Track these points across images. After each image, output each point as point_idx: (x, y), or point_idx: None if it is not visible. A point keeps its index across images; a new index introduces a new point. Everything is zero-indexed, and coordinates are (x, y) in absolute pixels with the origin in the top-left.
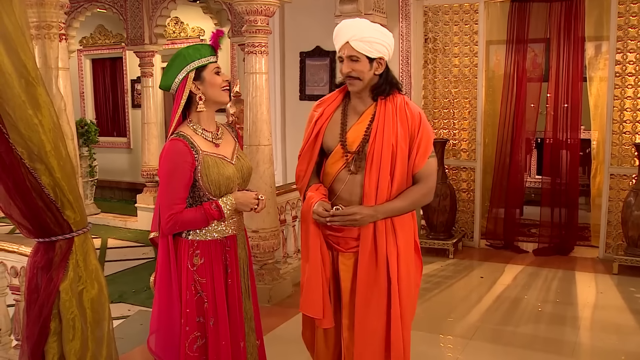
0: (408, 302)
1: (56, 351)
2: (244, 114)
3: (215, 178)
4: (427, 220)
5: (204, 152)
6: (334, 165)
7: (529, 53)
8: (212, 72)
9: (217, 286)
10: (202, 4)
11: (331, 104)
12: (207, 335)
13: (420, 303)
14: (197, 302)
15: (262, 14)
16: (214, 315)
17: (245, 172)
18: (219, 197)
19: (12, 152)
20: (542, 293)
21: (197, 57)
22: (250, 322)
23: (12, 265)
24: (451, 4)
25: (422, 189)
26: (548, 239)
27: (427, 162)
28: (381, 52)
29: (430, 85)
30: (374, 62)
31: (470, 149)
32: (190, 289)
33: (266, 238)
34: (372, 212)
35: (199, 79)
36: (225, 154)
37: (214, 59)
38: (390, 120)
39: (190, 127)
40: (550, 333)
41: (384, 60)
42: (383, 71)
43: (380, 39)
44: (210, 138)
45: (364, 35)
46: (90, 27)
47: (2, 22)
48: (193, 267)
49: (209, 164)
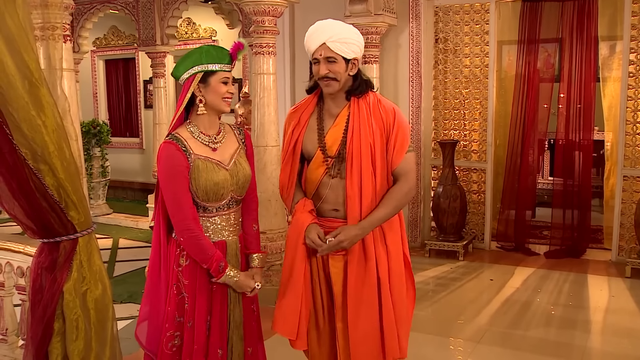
0: (401, 301)
1: (60, 351)
2: (251, 114)
3: (203, 183)
4: (436, 221)
5: (196, 155)
6: (316, 172)
7: (542, 53)
8: (219, 80)
9: (199, 289)
10: (214, 4)
11: (306, 109)
12: (184, 336)
13: (429, 305)
14: (178, 302)
15: (270, 14)
16: (191, 317)
17: (241, 178)
18: (208, 203)
19: (16, 152)
20: (553, 296)
21: (211, 60)
22: (237, 330)
23: (19, 265)
24: (462, 4)
25: (402, 188)
26: (560, 241)
27: (404, 158)
28: (356, 53)
29: (440, 86)
30: (350, 62)
31: (481, 150)
32: (172, 288)
33: (273, 239)
34: (357, 231)
35: (204, 83)
36: (221, 159)
37: (227, 68)
38: (365, 119)
39: (188, 129)
40: (560, 337)
41: (358, 60)
42: (357, 72)
43: (355, 40)
44: (206, 142)
45: (341, 37)
46: (103, 28)
47: (5, 23)
48: (179, 267)
49: (199, 168)
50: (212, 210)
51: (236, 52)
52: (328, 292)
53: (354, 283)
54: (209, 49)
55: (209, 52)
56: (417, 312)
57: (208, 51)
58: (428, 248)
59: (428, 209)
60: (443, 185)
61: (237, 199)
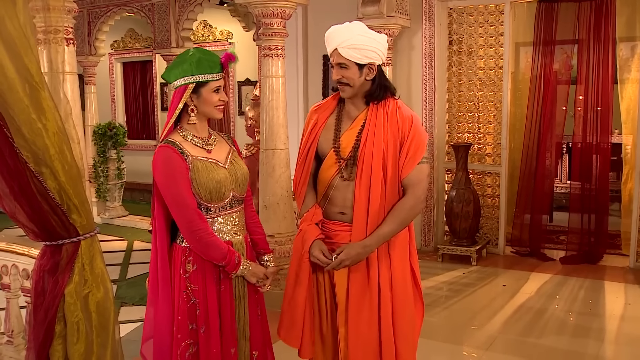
0: (402, 317)
1: (61, 354)
2: (260, 117)
3: (205, 182)
4: (449, 226)
5: (193, 156)
6: (327, 172)
7: (560, 55)
8: (211, 90)
9: (209, 293)
10: (229, 7)
11: (327, 108)
12: (199, 343)
13: (439, 311)
14: (189, 309)
15: (278, 16)
16: (205, 322)
17: (240, 176)
18: (211, 203)
19: (17, 155)
20: (568, 303)
21: (202, 71)
22: (243, 331)
23: (24, 267)
24: (476, 5)
25: (407, 202)
26: (576, 247)
27: (416, 168)
28: (371, 58)
29: (454, 89)
30: (365, 68)
31: (496, 154)
32: (182, 296)
33: (282, 243)
34: (360, 249)
35: (196, 93)
36: (218, 158)
37: (218, 77)
38: (380, 125)
39: (180, 134)
40: (573, 345)
41: (375, 65)
42: (375, 76)
43: (369, 45)
44: (200, 144)
45: (352, 43)
46: (121, 30)
47: (6, 27)
48: (186, 273)
49: (199, 168)
50: (214, 211)
51: (227, 63)
52: (332, 297)
53: (355, 290)
54: (200, 59)
55: (200, 63)
56: (427, 318)
57: (199, 61)
58: (441, 253)
59: (441, 213)
60: (456, 189)
61: (238, 199)
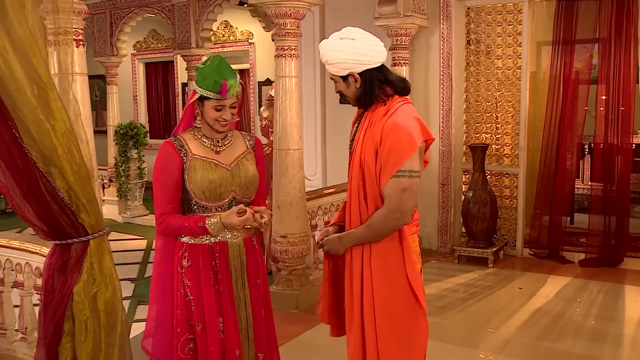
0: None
1: (69, 352)
2: (274, 117)
3: (199, 181)
4: (466, 227)
5: (194, 155)
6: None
7: (582, 54)
8: (211, 106)
9: (205, 291)
10: (249, 7)
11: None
12: (196, 339)
13: (454, 314)
14: (186, 304)
15: (292, 17)
16: (201, 319)
17: (243, 179)
18: (208, 202)
19: (26, 156)
20: (585, 307)
21: (204, 87)
22: (247, 332)
23: (37, 266)
24: (494, 4)
25: (380, 213)
26: (596, 249)
27: (391, 181)
28: (347, 69)
29: (472, 89)
30: (348, 78)
31: (513, 154)
32: (179, 290)
33: (295, 243)
34: (337, 242)
35: (201, 102)
36: (223, 160)
37: (217, 96)
38: (362, 134)
39: (191, 132)
40: (589, 350)
41: (355, 74)
42: (361, 83)
43: (339, 58)
44: (208, 144)
45: (327, 59)
46: (144, 31)
47: (15, 30)
48: (182, 269)
49: (196, 166)
50: (211, 210)
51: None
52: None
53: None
54: (208, 74)
55: (205, 77)
56: (441, 320)
57: (206, 75)
58: (457, 254)
59: (458, 214)
60: (473, 190)
61: (240, 201)
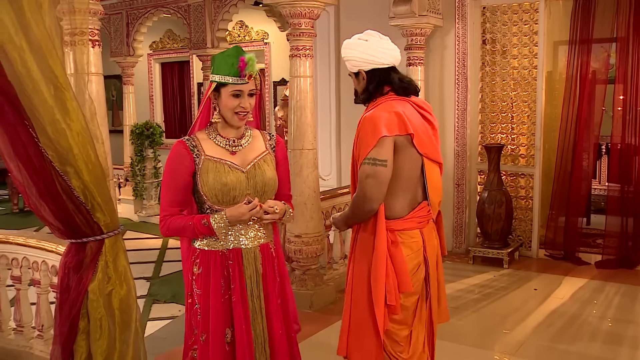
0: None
1: (84, 349)
2: (288, 117)
3: (211, 183)
4: (481, 228)
5: (207, 156)
6: None
7: (599, 53)
8: (229, 92)
9: (213, 301)
10: (265, 7)
11: None
12: (198, 350)
13: (468, 314)
14: (193, 312)
15: (306, 16)
16: (205, 330)
17: (259, 182)
18: (221, 206)
19: (42, 155)
20: (602, 309)
21: (221, 72)
22: (262, 347)
23: (53, 264)
24: (510, 4)
25: (352, 199)
26: (613, 251)
27: (359, 168)
28: (356, 66)
29: (487, 88)
30: (359, 75)
31: (529, 155)
32: (188, 297)
33: (309, 243)
34: (335, 217)
35: (217, 92)
36: (239, 162)
37: (239, 81)
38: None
39: (205, 131)
40: (604, 353)
41: (362, 71)
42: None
43: (351, 56)
44: (223, 144)
45: (343, 56)
46: (160, 31)
47: (32, 31)
48: (192, 276)
49: (208, 168)
50: None
51: (243, 70)
52: None
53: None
54: (223, 59)
55: (222, 62)
56: (456, 321)
57: (221, 61)
58: (472, 255)
59: (473, 214)
60: (488, 191)
61: None
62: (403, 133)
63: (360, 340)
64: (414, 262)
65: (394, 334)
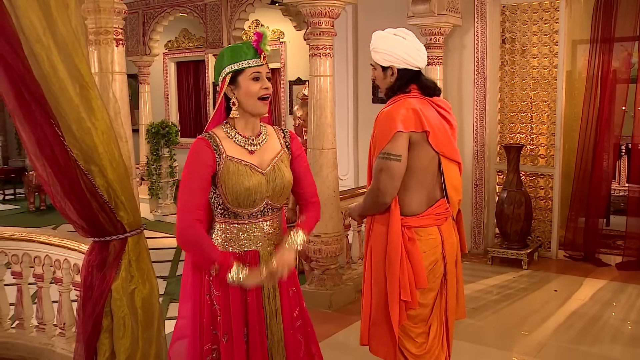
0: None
1: (107, 347)
2: (308, 116)
3: (233, 186)
4: (500, 228)
5: (228, 156)
6: None
7: (620, 52)
8: (248, 77)
9: (232, 302)
10: (281, 7)
11: None
12: (221, 351)
13: (488, 315)
14: (212, 313)
15: (327, 15)
16: (227, 331)
17: (278, 184)
18: (240, 209)
19: (67, 153)
20: (623, 311)
21: (235, 59)
22: (277, 347)
23: (75, 262)
24: (530, 2)
25: (367, 191)
26: (633, 252)
27: (374, 162)
28: (390, 61)
29: (507, 88)
30: (388, 70)
31: (549, 155)
32: (206, 298)
33: (328, 243)
34: (351, 207)
35: (234, 84)
36: (258, 163)
37: (254, 62)
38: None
39: (223, 129)
40: (626, 355)
41: (395, 69)
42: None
43: (385, 49)
44: (242, 143)
45: (374, 46)
46: (175, 31)
47: (58, 30)
48: (209, 276)
49: (229, 170)
50: (243, 217)
51: (258, 44)
52: None
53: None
54: (231, 48)
55: (232, 51)
56: (475, 321)
57: (231, 50)
58: (490, 255)
59: (492, 215)
60: (507, 191)
61: (273, 207)
62: (419, 130)
63: (380, 331)
64: (431, 258)
65: (410, 330)
